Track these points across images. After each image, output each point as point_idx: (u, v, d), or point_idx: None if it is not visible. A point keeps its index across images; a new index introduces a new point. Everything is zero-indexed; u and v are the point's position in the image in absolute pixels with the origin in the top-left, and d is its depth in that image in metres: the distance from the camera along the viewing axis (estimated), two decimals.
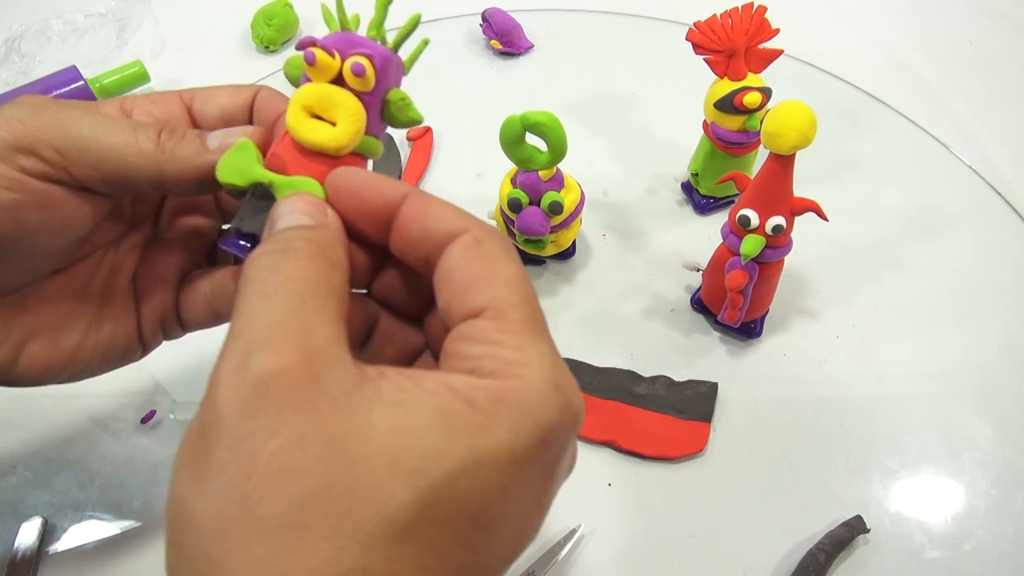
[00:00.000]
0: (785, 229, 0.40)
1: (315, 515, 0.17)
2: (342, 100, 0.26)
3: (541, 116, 0.41)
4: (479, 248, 0.22)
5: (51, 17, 0.69)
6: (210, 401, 0.18)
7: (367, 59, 0.25)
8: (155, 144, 0.26)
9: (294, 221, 0.23)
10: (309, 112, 0.26)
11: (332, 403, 0.18)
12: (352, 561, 0.17)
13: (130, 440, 0.44)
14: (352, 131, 0.26)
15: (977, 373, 0.47)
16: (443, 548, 0.18)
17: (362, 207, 0.24)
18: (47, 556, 0.39)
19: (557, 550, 0.39)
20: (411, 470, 0.18)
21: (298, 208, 0.23)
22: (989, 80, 0.65)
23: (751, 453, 0.43)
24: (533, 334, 0.21)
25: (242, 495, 0.17)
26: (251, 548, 0.17)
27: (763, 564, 0.39)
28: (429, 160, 0.58)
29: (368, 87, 0.26)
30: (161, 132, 0.26)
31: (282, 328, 0.19)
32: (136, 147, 0.26)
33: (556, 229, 0.46)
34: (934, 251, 0.52)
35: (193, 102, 0.30)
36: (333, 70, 0.26)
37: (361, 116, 0.26)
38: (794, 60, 0.64)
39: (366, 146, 0.27)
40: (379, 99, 0.27)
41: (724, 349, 0.48)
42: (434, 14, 0.70)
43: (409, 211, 0.23)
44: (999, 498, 0.42)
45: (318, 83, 0.26)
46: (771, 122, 0.37)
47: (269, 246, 0.22)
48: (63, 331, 0.29)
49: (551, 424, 0.20)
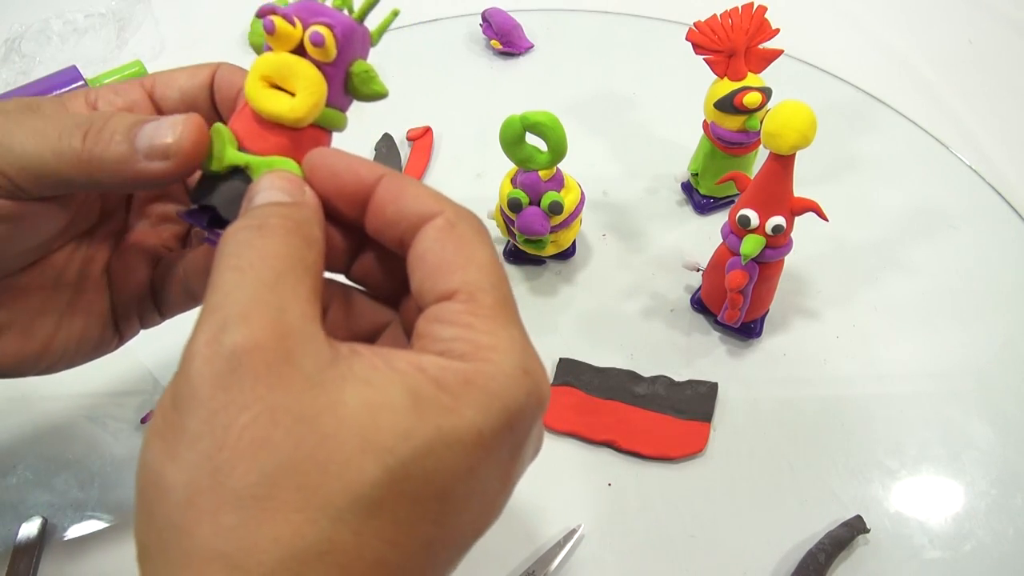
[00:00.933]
0: (785, 229, 0.40)
1: (285, 488, 0.17)
2: (301, 70, 0.25)
3: (541, 116, 0.41)
4: (452, 231, 0.22)
5: (51, 17, 0.69)
6: (183, 374, 0.19)
7: (327, 28, 0.24)
8: (80, 151, 0.24)
9: (271, 197, 0.22)
10: (268, 82, 0.25)
11: (305, 379, 0.18)
12: (320, 533, 0.17)
13: (130, 440, 0.44)
14: (311, 102, 0.25)
15: (977, 373, 0.47)
16: (410, 524, 0.19)
17: (339, 187, 0.24)
18: (47, 556, 0.39)
19: (557, 550, 0.39)
20: (381, 448, 0.18)
21: (276, 185, 0.23)
22: (989, 80, 0.65)
23: (751, 453, 0.43)
24: (504, 319, 0.21)
25: (214, 466, 0.17)
26: (220, 518, 0.17)
27: (763, 564, 0.39)
28: (429, 160, 0.58)
29: (328, 57, 0.25)
30: (87, 134, 0.25)
31: (256, 304, 0.19)
32: (63, 156, 0.24)
33: (556, 229, 0.46)
34: (934, 251, 0.52)
35: (154, 87, 0.29)
36: (294, 39, 0.25)
37: (321, 87, 0.25)
38: (794, 60, 0.64)
39: (328, 119, 0.26)
40: (342, 70, 0.26)
41: (724, 349, 0.48)
42: (434, 14, 0.70)
43: (384, 191, 0.23)
44: (999, 498, 0.42)
45: (278, 53, 0.25)
46: (771, 122, 0.37)
47: (245, 221, 0.21)
48: (35, 322, 0.29)
49: (519, 407, 0.20)
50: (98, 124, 0.25)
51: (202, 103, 0.29)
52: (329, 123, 0.26)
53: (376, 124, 0.60)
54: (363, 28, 0.26)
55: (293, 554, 0.17)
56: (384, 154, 0.58)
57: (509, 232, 0.48)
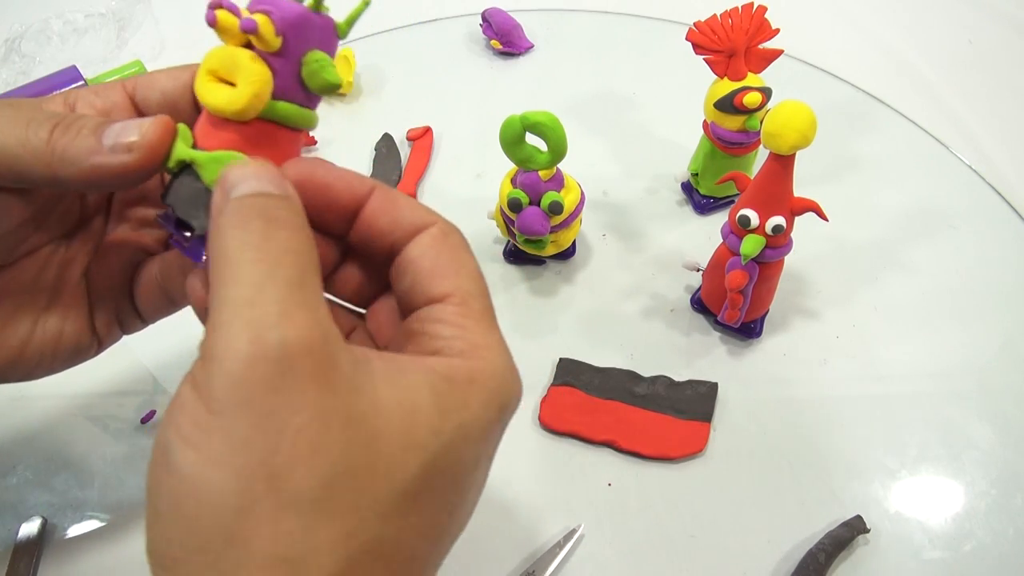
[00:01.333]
0: (785, 229, 0.40)
1: (340, 490, 0.18)
2: (241, 61, 0.24)
3: (541, 116, 0.41)
4: (446, 240, 0.24)
5: (51, 17, 0.69)
6: (223, 374, 0.18)
7: (263, 15, 0.23)
8: (46, 142, 0.24)
9: (260, 187, 0.21)
10: (215, 77, 0.24)
11: (347, 381, 0.19)
12: (370, 532, 0.18)
13: (130, 440, 0.44)
14: (250, 92, 0.24)
15: (977, 373, 0.47)
16: (434, 515, 0.20)
17: (333, 198, 0.24)
18: (47, 556, 0.39)
19: (557, 550, 0.39)
20: (418, 445, 0.19)
21: (261, 175, 0.22)
22: (989, 80, 0.65)
23: (751, 453, 0.43)
24: (490, 323, 0.23)
25: (269, 472, 0.18)
26: (280, 524, 0.17)
27: (763, 564, 0.39)
28: (429, 160, 0.58)
29: (270, 47, 0.24)
30: (56, 127, 0.24)
31: (294, 303, 0.19)
32: (27, 145, 0.24)
33: (556, 229, 0.46)
34: (934, 251, 0.52)
35: (136, 90, 0.28)
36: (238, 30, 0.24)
37: (261, 77, 0.24)
38: (794, 60, 0.64)
39: (285, 114, 0.25)
40: (295, 62, 0.24)
41: (724, 349, 0.48)
42: (434, 14, 0.70)
43: (378, 203, 0.24)
44: (999, 498, 0.42)
45: (224, 46, 0.24)
46: (771, 122, 0.37)
47: (248, 212, 0.20)
48: (7, 328, 0.28)
49: (509, 402, 0.22)
50: (68, 120, 0.24)
51: (184, 105, 0.28)
52: (287, 119, 0.25)
53: (376, 124, 0.60)
54: (321, 18, 0.25)
55: (348, 555, 0.18)
56: (384, 154, 0.58)
57: (509, 232, 0.48)
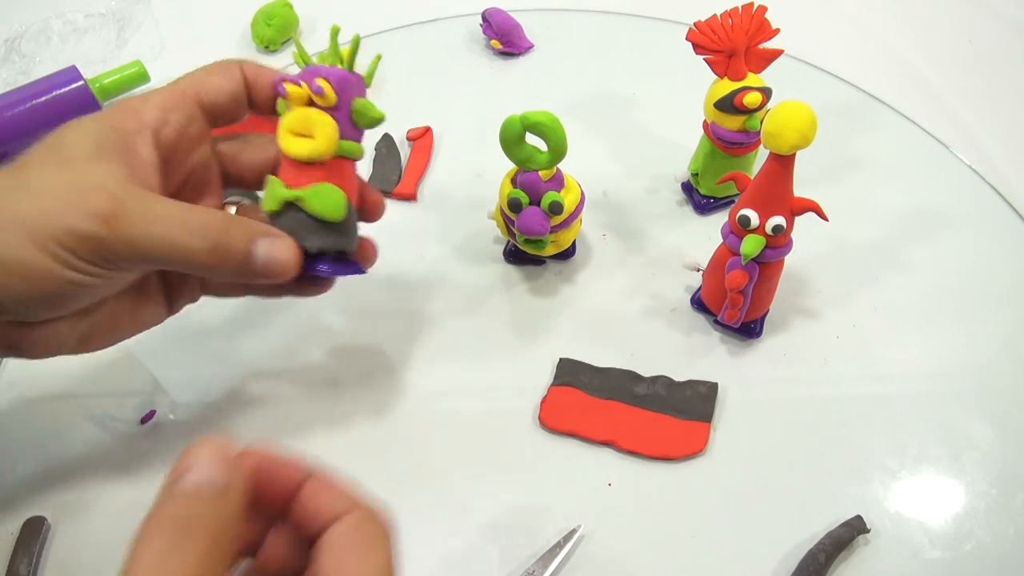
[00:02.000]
0: (785, 229, 0.40)
1: None
2: (315, 117, 0.32)
3: (541, 116, 0.41)
4: (358, 530, 0.25)
5: (51, 17, 0.69)
6: None
7: (325, 81, 0.32)
8: (208, 253, 0.31)
9: (203, 478, 0.23)
10: (294, 133, 0.33)
11: None
12: None
13: (130, 440, 0.44)
14: (327, 140, 0.32)
15: (977, 373, 0.47)
16: None
17: (275, 483, 0.26)
18: (47, 556, 0.39)
19: (557, 550, 0.39)
20: None
21: (208, 462, 0.23)
22: (989, 80, 0.65)
23: (751, 453, 0.43)
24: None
25: None
26: None
27: (763, 564, 0.39)
28: (429, 160, 0.58)
29: (331, 103, 0.33)
30: (218, 241, 0.31)
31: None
32: (192, 256, 0.31)
33: (556, 229, 0.46)
34: (934, 251, 0.52)
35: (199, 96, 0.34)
36: (304, 96, 0.33)
37: (332, 127, 0.32)
38: (794, 60, 0.64)
39: (346, 149, 0.34)
40: (346, 110, 0.34)
41: (724, 349, 0.48)
42: (434, 14, 0.70)
43: (313, 488, 0.26)
44: (999, 498, 0.42)
45: (295, 109, 0.33)
46: (771, 122, 0.37)
47: (175, 507, 0.23)
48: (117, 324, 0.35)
49: None
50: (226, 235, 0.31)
51: (242, 100, 0.35)
52: (348, 152, 0.34)
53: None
54: (355, 75, 0.34)
55: None
56: (384, 154, 0.58)
57: (509, 232, 0.48)
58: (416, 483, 0.42)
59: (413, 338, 0.48)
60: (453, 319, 0.49)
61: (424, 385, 0.47)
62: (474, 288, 0.50)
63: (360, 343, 0.48)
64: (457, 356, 0.48)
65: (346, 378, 0.46)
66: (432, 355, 0.48)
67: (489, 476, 0.43)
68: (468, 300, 0.50)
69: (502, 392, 0.46)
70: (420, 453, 0.44)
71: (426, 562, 0.40)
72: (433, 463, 0.43)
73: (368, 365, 0.47)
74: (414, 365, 0.47)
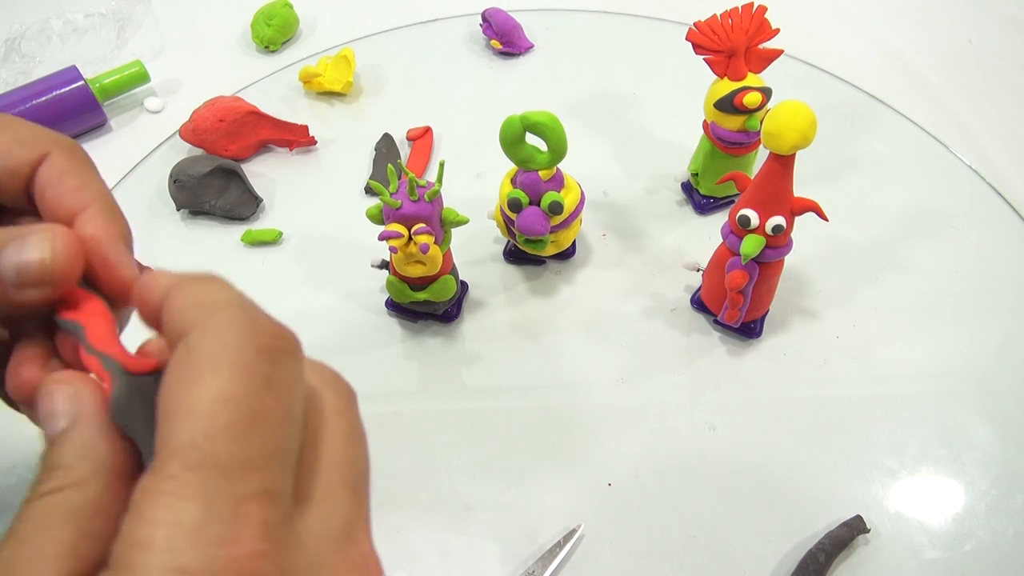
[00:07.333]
0: (785, 229, 0.40)
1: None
2: (432, 254, 0.41)
3: (541, 116, 0.41)
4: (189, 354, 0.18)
5: (51, 17, 0.69)
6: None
7: (428, 236, 0.40)
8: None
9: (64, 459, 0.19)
10: (412, 261, 0.42)
11: None
12: None
13: None
14: (437, 263, 0.42)
15: (977, 373, 0.47)
16: None
17: None
18: None
19: (557, 550, 0.39)
20: None
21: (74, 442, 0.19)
22: (989, 80, 0.65)
23: (751, 453, 0.43)
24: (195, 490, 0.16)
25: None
26: None
27: (763, 564, 0.39)
28: (429, 160, 0.58)
29: (431, 240, 0.41)
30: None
31: None
32: None
33: (556, 229, 0.46)
34: (934, 251, 0.52)
35: None
36: (406, 236, 0.41)
37: (438, 254, 0.42)
38: (794, 60, 0.64)
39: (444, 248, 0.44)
40: (439, 225, 0.42)
41: (724, 349, 0.48)
42: (434, 14, 0.70)
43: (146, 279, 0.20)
44: (999, 498, 0.42)
45: (402, 251, 0.41)
46: (771, 122, 0.37)
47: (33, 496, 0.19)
48: None
49: None
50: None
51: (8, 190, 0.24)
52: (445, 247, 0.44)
53: (376, 124, 0.60)
54: (438, 201, 0.42)
55: None
56: (384, 154, 0.58)
57: (509, 232, 0.48)
58: (416, 483, 0.42)
59: (412, 337, 0.48)
60: None
61: (424, 384, 0.46)
62: (474, 287, 0.50)
63: (359, 341, 0.48)
64: (457, 356, 0.48)
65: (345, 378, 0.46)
66: (432, 355, 0.48)
67: (489, 476, 0.43)
68: (468, 299, 0.50)
69: (502, 391, 0.46)
70: (420, 453, 0.44)
71: (426, 561, 0.40)
72: (433, 463, 0.43)
73: (368, 364, 0.47)
74: (414, 364, 0.47)
